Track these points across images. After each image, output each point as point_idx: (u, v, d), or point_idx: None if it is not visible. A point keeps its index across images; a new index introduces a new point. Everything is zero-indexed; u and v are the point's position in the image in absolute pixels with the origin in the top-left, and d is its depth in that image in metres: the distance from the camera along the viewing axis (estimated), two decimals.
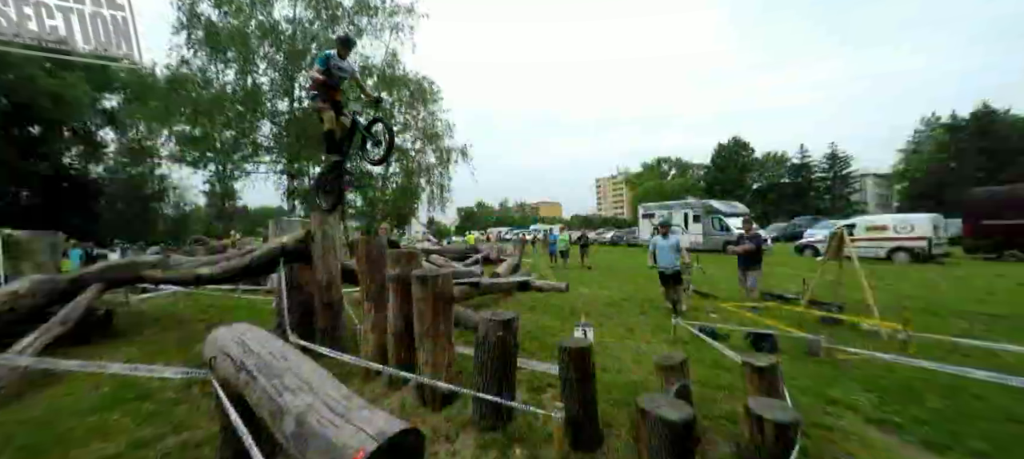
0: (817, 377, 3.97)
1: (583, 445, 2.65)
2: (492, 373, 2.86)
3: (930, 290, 8.99)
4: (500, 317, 2.89)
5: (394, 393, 3.67)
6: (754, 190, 53.42)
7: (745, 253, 7.03)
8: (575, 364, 2.61)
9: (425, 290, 3.20)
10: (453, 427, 3.07)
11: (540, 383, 3.81)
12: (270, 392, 2.14)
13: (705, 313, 7.02)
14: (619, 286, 10.28)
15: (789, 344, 4.92)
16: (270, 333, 2.95)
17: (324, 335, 4.72)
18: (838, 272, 6.76)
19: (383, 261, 3.87)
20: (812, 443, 2.80)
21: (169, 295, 9.42)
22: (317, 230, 4.66)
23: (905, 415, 3.22)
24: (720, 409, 3.32)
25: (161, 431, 3.37)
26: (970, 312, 6.70)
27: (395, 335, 3.62)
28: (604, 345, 5.07)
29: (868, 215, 27.77)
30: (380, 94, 6.52)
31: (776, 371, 2.84)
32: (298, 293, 5.04)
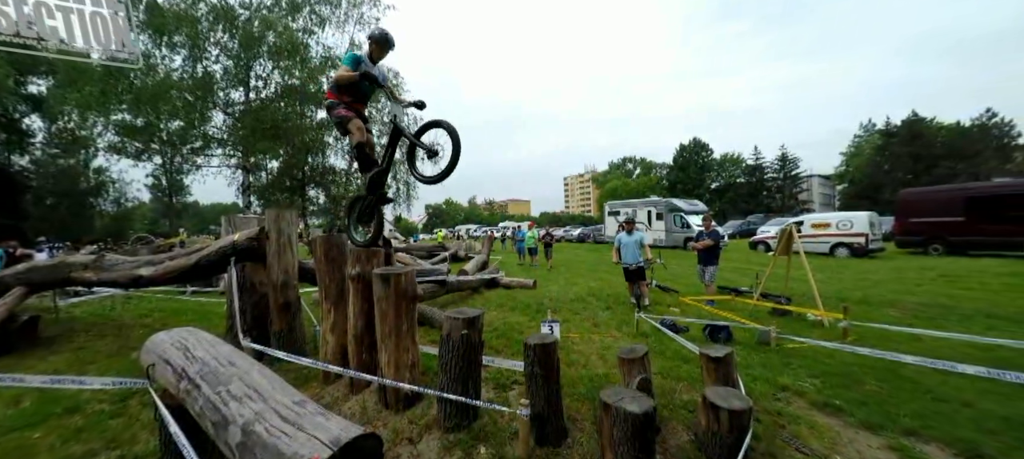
0: (768, 365, 4.19)
1: (548, 440, 2.66)
2: (457, 372, 2.81)
3: (867, 282, 9.74)
4: (464, 315, 2.84)
5: (355, 396, 3.54)
6: (713, 189, 55.97)
7: (704, 249, 7.33)
8: (540, 360, 2.60)
9: (387, 289, 3.10)
10: (417, 429, 3.00)
11: (507, 380, 3.80)
12: (214, 401, 2.00)
13: (667, 307, 7.26)
14: (586, 282, 10.45)
15: (743, 335, 5.17)
16: (218, 337, 2.76)
17: (280, 338, 4.49)
18: (787, 266, 7.19)
19: (343, 259, 3.71)
20: (763, 427, 2.94)
21: (105, 299, 8.67)
22: (271, 227, 4.41)
23: (846, 398, 3.45)
24: (680, 399, 3.43)
25: (92, 448, 3.08)
26: (900, 301, 7.31)
27: (356, 336, 3.48)
28: (570, 341, 5.12)
29: (814, 213, 29.76)
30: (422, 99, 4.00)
31: (730, 361, 2.96)
32: (251, 294, 4.76)
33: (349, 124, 3.62)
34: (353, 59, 3.58)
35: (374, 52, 3.76)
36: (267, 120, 18.89)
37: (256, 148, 19.50)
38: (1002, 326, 5.51)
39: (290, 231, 4.49)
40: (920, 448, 2.72)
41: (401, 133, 3.60)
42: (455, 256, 17.34)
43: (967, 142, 38.38)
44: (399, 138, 3.69)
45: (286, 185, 23.54)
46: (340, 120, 3.64)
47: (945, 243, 15.23)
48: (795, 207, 48.62)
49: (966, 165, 35.79)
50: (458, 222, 76.03)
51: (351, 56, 3.59)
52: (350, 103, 3.71)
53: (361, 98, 3.84)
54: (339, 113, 3.62)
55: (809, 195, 56.24)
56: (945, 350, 4.37)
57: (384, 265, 3.60)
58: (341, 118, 3.63)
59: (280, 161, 22.20)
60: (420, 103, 3.82)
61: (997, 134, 38.92)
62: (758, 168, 53.53)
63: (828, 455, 2.66)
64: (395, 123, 3.58)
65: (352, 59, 3.57)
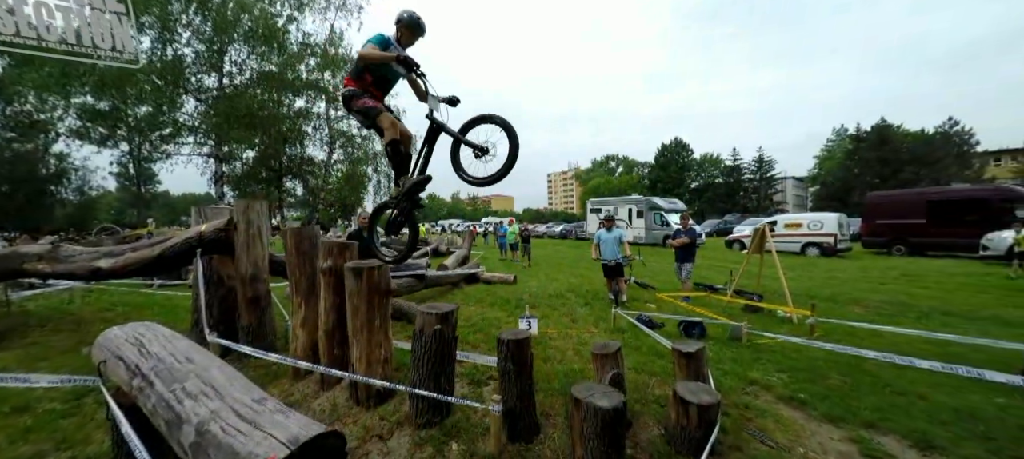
0: (739, 360, 4.30)
1: (520, 436, 2.65)
2: (429, 368, 2.76)
3: (835, 280, 10.12)
4: (438, 310, 2.80)
5: (326, 393, 3.45)
6: (692, 188, 57.11)
7: (681, 246, 7.46)
8: (513, 356, 2.59)
9: (358, 283, 3.02)
10: (388, 425, 2.94)
11: (482, 375, 3.78)
12: (168, 399, 1.90)
13: (644, 303, 7.37)
14: (566, 278, 10.52)
15: (716, 331, 5.29)
16: (177, 332, 2.64)
17: (249, 333, 4.35)
18: (760, 264, 7.38)
19: (314, 252, 3.61)
20: (731, 421, 3.00)
21: (63, 292, 8.23)
22: (240, 218, 4.25)
23: (811, 392, 3.56)
24: (653, 394, 3.48)
25: (41, 449, 2.91)
26: (865, 299, 7.62)
27: (327, 331, 3.40)
28: (548, 336, 5.14)
29: (787, 214, 30.73)
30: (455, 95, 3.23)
31: (701, 356, 3.01)
32: (219, 287, 4.59)
33: (379, 118, 3.06)
34: (381, 40, 3.09)
35: (403, 37, 3.24)
36: (242, 108, 18.24)
37: (230, 136, 18.82)
38: (956, 323, 5.80)
39: (260, 222, 4.34)
40: (878, 440, 2.83)
41: (442, 130, 3.11)
42: (436, 251, 17.18)
43: (930, 149, 40.25)
44: (437, 136, 3.17)
45: (262, 176, 22.85)
46: (366, 112, 3.09)
47: (907, 244, 15.97)
48: (770, 208, 50.13)
49: (929, 171, 37.57)
50: (441, 217, 75.44)
51: (379, 36, 3.10)
52: (374, 93, 3.20)
53: (384, 88, 3.33)
54: (364, 103, 3.07)
55: (784, 196, 58.09)
56: (904, 345, 4.56)
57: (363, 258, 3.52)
58: (367, 110, 3.08)
59: (256, 151, 21.51)
60: (454, 99, 3.19)
61: (958, 142, 40.94)
62: (736, 169, 54.87)
63: (792, 447, 2.73)
64: (433, 119, 3.11)
65: (380, 40, 3.09)
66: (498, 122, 2.86)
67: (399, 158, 3.21)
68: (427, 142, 3.22)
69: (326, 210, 25.76)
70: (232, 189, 21.93)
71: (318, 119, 22.80)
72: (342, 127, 23.48)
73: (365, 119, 3.17)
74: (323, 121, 22.86)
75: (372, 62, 3.04)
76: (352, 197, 24.65)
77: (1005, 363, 3.76)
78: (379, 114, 3.09)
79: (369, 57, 3.00)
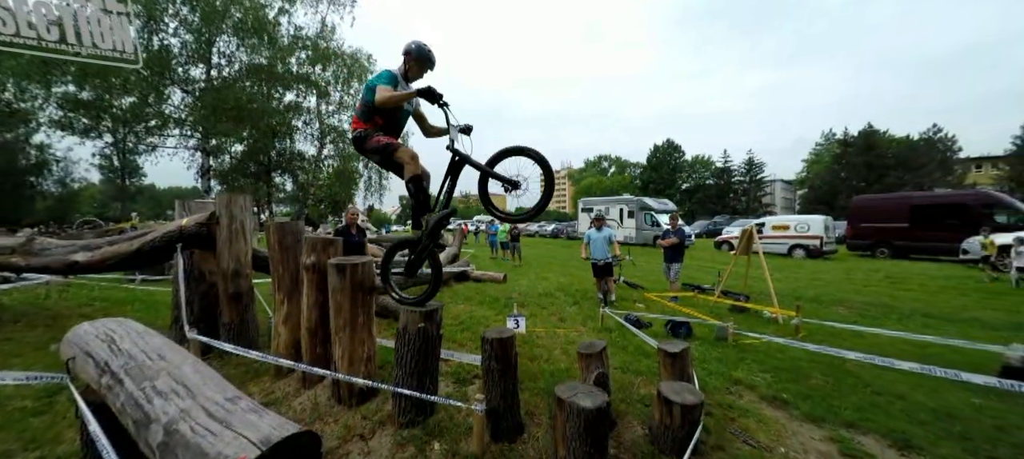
0: (724, 360, 4.33)
1: (504, 436, 2.63)
2: (413, 366, 2.73)
3: (820, 282, 10.27)
4: (422, 307, 2.76)
5: (308, 391, 3.39)
6: (683, 190, 57.59)
7: (670, 246, 7.50)
8: (497, 355, 2.56)
9: (342, 280, 2.97)
10: (370, 424, 2.90)
11: (468, 374, 3.75)
12: (137, 397, 1.84)
13: (633, 303, 7.40)
14: (556, 277, 10.52)
15: (703, 330, 5.32)
16: (152, 329, 2.57)
17: (231, 330, 4.26)
18: (747, 265, 7.46)
19: (298, 248, 3.54)
20: (715, 421, 3.01)
21: (40, 286, 8.01)
22: (222, 212, 4.16)
23: (793, 392, 3.59)
24: (638, 393, 3.48)
25: (9, 448, 2.82)
26: (848, 300, 7.74)
27: (310, 329, 3.34)
28: (535, 335, 5.12)
29: (775, 216, 31.18)
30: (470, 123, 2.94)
31: (686, 356, 3.02)
32: (200, 283, 4.49)
33: (398, 153, 2.84)
34: (391, 77, 2.86)
35: (411, 70, 3.01)
36: (230, 100, 17.94)
37: (217, 129, 18.50)
38: (936, 325, 5.92)
39: (243, 217, 4.25)
40: (858, 440, 2.86)
41: (466, 163, 2.87)
42: None
43: (914, 154, 41.10)
44: (461, 169, 2.94)
45: (250, 170, 22.53)
46: (382, 150, 2.86)
47: (891, 247, 16.29)
48: (759, 210, 50.78)
49: (912, 176, 38.36)
50: None
51: (388, 74, 2.87)
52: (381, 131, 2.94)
53: (395, 131, 3.05)
54: (379, 141, 2.85)
55: (772, 198, 58.87)
56: (885, 347, 4.64)
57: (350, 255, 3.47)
58: (382, 148, 2.86)
59: (244, 145, 21.19)
60: (468, 127, 2.96)
61: (941, 148, 41.86)
62: (726, 171, 55.44)
63: (773, 447, 2.75)
64: (456, 151, 2.86)
65: (390, 78, 2.85)
66: (531, 155, 2.68)
67: (423, 195, 2.92)
68: (450, 175, 2.95)
69: (316, 206, 25.50)
70: (220, 183, 21.59)
71: (309, 114, 22.56)
72: (333, 122, 23.24)
73: (383, 158, 2.92)
74: (314, 116, 22.63)
75: (389, 106, 2.77)
76: (343, 193, 24.42)
77: (982, 364, 3.84)
78: (397, 149, 2.86)
79: (389, 101, 2.72)
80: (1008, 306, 7.23)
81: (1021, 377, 3.31)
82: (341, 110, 23.07)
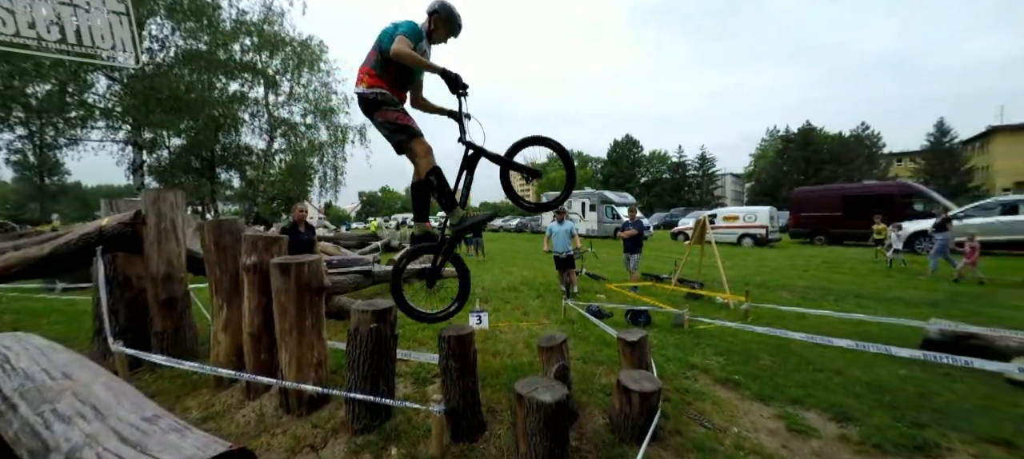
0: (681, 346, 4.47)
1: (464, 436, 2.54)
2: (366, 369, 2.58)
3: (766, 268, 10.94)
4: (374, 307, 2.61)
5: (252, 402, 3.15)
6: (642, 183, 59.60)
7: (629, 238, 7.68)
8: (455, 353, 2.47)
9: (286, 280, 2.76)
10: (322, 433, 2.73)
11: (428, 374, 3.62)
12: (33, 424, 1.59)
13: (594, 294, 7.52)
14: (520, 271, 10.52)
15: (661, 318, 5.49)
16: (55, 344, 2.26)
17: (164, 340, 3.88)
18: (700, 254, 7.78)
19: (237, 247, 3.26)
20: (673, 406, 3.09)
21: None
22: (149, 210, 3.76)
23: (744, 373, 3.76)
24: (599, 383, 3.50)
25: None
26: (791, 285, 8.28)
27: (253, 334, 3.09)
28: (498, 330, 5.06)
29: (726, 208, 32.95)
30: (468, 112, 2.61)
31: (644, 344, 3.07)
32: (126, 290, 4.05)
33: (414, 142, 2.47)
34: (415, 31, 2.43)
35: (435, 31, 2.60)
36: (164, 89, 16.42)
37: (150, 121, 16.90)
38: (867, 304, 6.44)
39: (174, 215, 3.86)
40: (802, 415, 3.02)
41: (482, 155, 2.61)
42: (388, 246, 16.61)
43: (846, 150, 44.82)
44: (477, 162, 2.66)
45: (193, 165, 20.84)
46: (398, 129, 2.45)
47: (827, 235, 17.66)
48: (711, 202, 53.52)
49: (845, 169, 41.81)
50: (395, 211, 73.24)
51: (411, 25, 2.44)
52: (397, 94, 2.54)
53: (404, 85, 2.63)
54: (399, 119, 2.45)
55: (723, 191, 62.26)
56: (825, 326, 4.97)
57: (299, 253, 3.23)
58: (399, 127, 2.44)
59: (183, 138, 19.54)
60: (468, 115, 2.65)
61: (868, 144, 45.91)
62: (681, 166, 57.92)
63: (727, 427, 2.85)
64: (471, 144, 2.59)
65: (414, 30, 2.43)
66: (548, 143, 2.55)
67: (445, 189, 2.56)
68: (465, 170, 2.67)
69: (267, 204, 24.03)
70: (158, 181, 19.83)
71: (256, 105, 21.12)
72: (283, 114, 21.91)
73: (392, 135, 2.50)
74: (262, 107, 21.21)
75: (405, 62, 2.35)
76: (297, 189, 23.15)
77: (906, 339, 4.21)
78: (414, 138, 2.48)
79: (406, 58, 2.32)
80: (926, 285, 8.01)
81: (939, 348, 3.65)
82: (291, 101, 21.79)
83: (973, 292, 7.15)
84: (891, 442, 2.59)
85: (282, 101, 21.53)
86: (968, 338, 3.84)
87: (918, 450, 2.52)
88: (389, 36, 2.39)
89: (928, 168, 40.19)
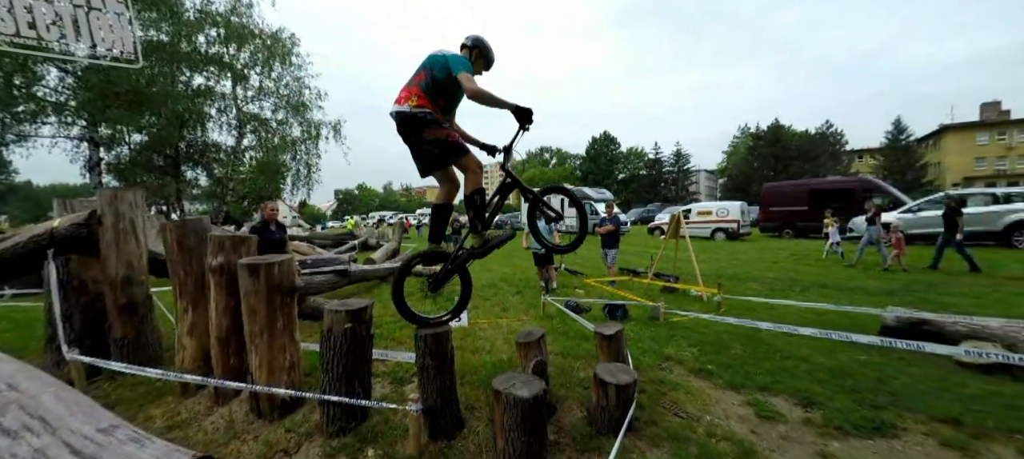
0: (656, 338, 4.57)
1: (442, 434, 2.53)
2: (340, 371, 2.52)
3: (737, 261, 11.31)
4: (348, 306, 2.56)
5: (221, 408, 3.04)
6: (620, 180, 60.55)
7: (606, 233, 7.79)
8: (432, 351, 2.45)
9: (255, 281, 2.66)
10: (295, 438, 2.65)
11: (405, 373, 3.59)
12: None
13: (573, 289, 7.60)
14: (499, 268, 10.52)
15: (638, 311, 5.59)
16: (5, 354, 2.11)
17: (124, 346, 3.69)
18: (675, 248, 7.97)
19: (202, 248, 3.12)
20: (648, 397, 3.15)
21: None
22: (106, 210, 3.56)
23: (716, 362, 3.88)
24: (577, 377, 3.55)
25: None
26: (761, 277, 8.59)
27: (220, 338, 2.97)
28: (478, 327, 5.06)
29: (700, 203, 33.87)
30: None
31: (621, 338, 3.12)
32: (82, 294, 3.82)
33: (465, 159, 2.53)
34: (469, 66, 2.52)
35: (474, 65, 2.68)
36: (122, 82, 15.55)
37: (107, 116, 15.98)
38: (830, 294, 6.75)
39: (133, 215, 3.66)
40: (770, 401, 3.14)
41: (517, 187, 2.75)
42: (365, 244, 16.31)
43: (812, 146, 46.78)
44: (511, 191, 2.80)
45: (156, 163, 19.86)
46: (447, 147, 2.48)
47: (794, 228, 18.39)
48: (686, 197, 54.93)
49: (810, 165, 43.68)
50: (372, 209, 71.95)
51: (466, 62, 2.52)
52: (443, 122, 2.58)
53: (449, 110, 2.70)
54: (449, 137, 2.49)
55: (698, 187, 63.95)
56: (792, 316, 5.18)
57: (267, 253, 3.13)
58: (449, 145, 2.48)
59: (145, 134, 18.58)
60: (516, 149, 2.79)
61: (832, 141, 48.06)
62: (658, 162, 59.14)
63: (700, 416, 2.93)
64: (510, 172, 2.68)
65: (468, 66, 2.50)
66: (569, 194, 2.98)
67: (484, 209, 2.69)
68: (499, 195, 2.82)
69: (237, 202, 23.15)
70: (117, 179, 18.81)
71: (224, 100, 20.27)
72: (253, 109, 21.11)
73: (442, 153, 2.51)
74: (230, 102, 20.37)
75: (479, 103, 2.39)
76: (269, 187, 22.39)
77: (866, 326, 4.43)
78: (466, 155, 2.55)
79: (484, 100, 2.37)
80: (883, 276, 8.46)
81: (895, 334, 3.86)
82: (262, 96, 21.00)
83: (926, 281, 7.59)
84: (852, 424, 2.72)
85: (252, 96, 20.76)
86: (921, 324, 4.07)
87: (876, 431, 2.66)
88: (442, 66, 2.46)
89: (887, 164, 42.37)
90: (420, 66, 2.55)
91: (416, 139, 2.48)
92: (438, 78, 2.46)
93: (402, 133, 2.51)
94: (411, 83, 2.51)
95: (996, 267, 8.39)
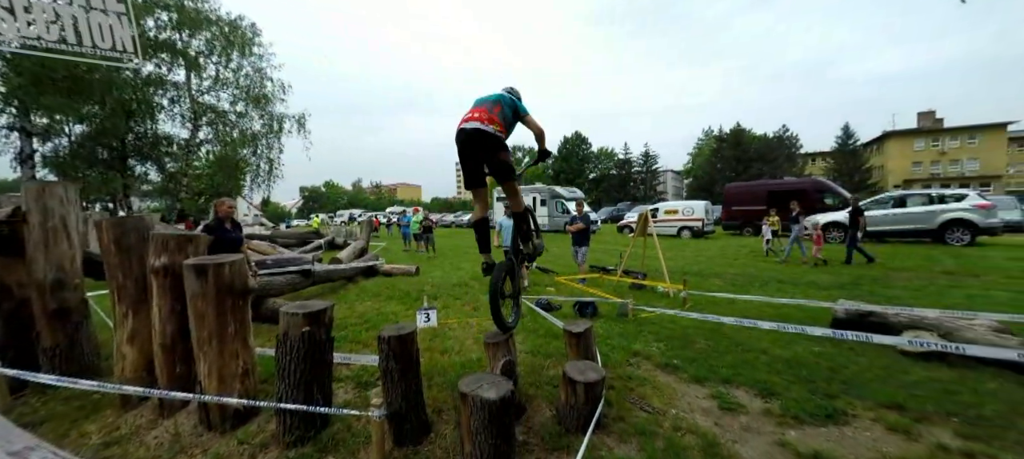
0: (625, 334, 4.64)
1: (408, 439, 2.44)
2: (297, 377, 2.39)
3: (702, 258, 11.72)
4: (307, 308, 2.42)
5: (167, 420, 2.81)
6: (591, 179, 61.50)
7: (577, 231, 7.85)
8: (396, 353, 2.35)
9: (203, 283, 2.48)
10: (249, 450, 2.49)
11: (371, 377, 3.45)
12: None
13: (544, 287, 7.62)
14: (471, 267, 10.41)
15: (607, 308, 5.66)
16: None
17: (55, 356, 3.36)
18: (643, 246, 8.15)
19: (143, 248, 2.88)
20: (616, 393, 3.18)
21: None
22: (32, 207, 3.22)
23: (681, 357, 3.98)
24: (547, 375, 3.54)
25: None
26: (724, 273, 8.93)
27: (165, 345, 2.75)
28: (447, 327, 4.96)
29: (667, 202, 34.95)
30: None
31: (590, 335, 3.12)
32: (4, 300, 3.45)
33: (516, 182, 3.04)
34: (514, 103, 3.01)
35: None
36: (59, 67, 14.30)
37: (42, 104, 14.67)
38: (786, 288, 7.09)
39: (65, 212, 3.34)
40: (732, 393, 3.24)
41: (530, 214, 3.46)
42: (332, 243, 15.78)
43: (769, 149, 49.24)
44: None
45: (99, 157, 18.42)
46: (509, 172, 2.89)
47: (754, 226, 19.24)
48: (654, 197, 56.54)
49: (769, 167, 45.96)
50: (341, 207, 69.78)
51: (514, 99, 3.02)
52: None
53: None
54: (509, 161, 2.88)
55: (665, 187, 65.98)
56: (752, 310, 5.39)
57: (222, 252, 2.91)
58: (511, 169, 2.90)
59: (87, 124, 17.19)
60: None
61: (788, 144, 50.79)
62: (627, 162, 60.49)
63: (666, 410, 2.98)
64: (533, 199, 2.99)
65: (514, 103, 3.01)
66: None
67: (533, 222, 3.46)
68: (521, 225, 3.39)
69: (193, 199, 21.82)
70: (56, 173, 17.31)
71: (177, 90, 19.03)
72: (209, 100, 19.94)
73: (503, 176, 2.90)
74: (184, 92, 19.15)
75: (536, 137, 3.10)
76: (227, 183, 21.24)
77: (819, 318, 4.66)
78: (517, 177, 3.06)
79: (544, 136, 3.12)
80: (834, 271, 8.98)
81: (845, 326, 4.08)
82: (218, 86, 19.86)
83: (872, 275, 8.12)
84: (807, 413, 2.84)
85: (207, 86, 19.61)
86: (868, 316, 4.33)
87: (829, 418, 2.79)
88: (511, 104, 2.95)
89: (837, 167, 45.21)
90: (492, 99, 2.95)
91: (493, 156, 2.84)
92: (507, 114, 2.91)
93: (477, 147, 2.79)
94: (492, 111, 2.85)
95: (932, 262, 9.10)
